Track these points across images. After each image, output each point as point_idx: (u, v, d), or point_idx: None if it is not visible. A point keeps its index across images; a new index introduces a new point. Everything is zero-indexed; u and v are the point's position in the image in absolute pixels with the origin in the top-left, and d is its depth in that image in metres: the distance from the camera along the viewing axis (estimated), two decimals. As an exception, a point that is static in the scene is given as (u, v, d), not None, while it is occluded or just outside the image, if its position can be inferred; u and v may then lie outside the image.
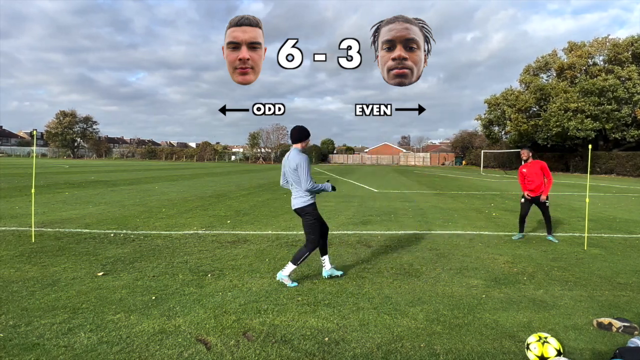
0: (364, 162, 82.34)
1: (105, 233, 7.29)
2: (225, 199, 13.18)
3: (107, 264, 5.34)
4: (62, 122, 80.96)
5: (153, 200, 12.17)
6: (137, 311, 3.80)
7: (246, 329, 3.48)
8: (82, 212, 9.57)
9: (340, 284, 4.72)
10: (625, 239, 7.60)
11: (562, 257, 6.13)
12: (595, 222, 9.38)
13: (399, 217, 9.89)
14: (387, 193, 16.32)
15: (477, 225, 8.64)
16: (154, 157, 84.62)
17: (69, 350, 3.05)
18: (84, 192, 14.06)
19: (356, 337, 3.39)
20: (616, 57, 39.03)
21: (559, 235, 7.78)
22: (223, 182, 21.11)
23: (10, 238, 6.73)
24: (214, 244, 6.68)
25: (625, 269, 5.53)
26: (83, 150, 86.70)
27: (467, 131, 74.56)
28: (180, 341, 3.24)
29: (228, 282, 4.74)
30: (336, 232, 7.80)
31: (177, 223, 8.48)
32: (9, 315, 3.66)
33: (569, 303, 4.23)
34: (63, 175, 23.40)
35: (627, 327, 3.52)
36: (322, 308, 3.97)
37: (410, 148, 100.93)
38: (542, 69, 44.81)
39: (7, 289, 4.31)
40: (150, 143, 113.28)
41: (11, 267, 5.11)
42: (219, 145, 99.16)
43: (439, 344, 3.27)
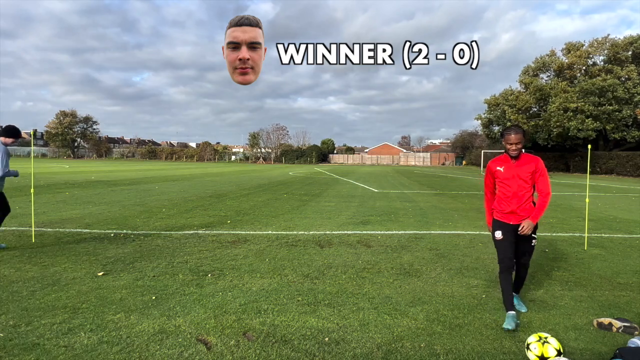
0: (364, 162, 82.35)
1: (105, 233, 7.29)
2: (225, 199, 13.18)
3: (107, 264, 5.34)
4: (62, 122, 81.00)
5: (153, 200, 12.17)
6: (137, 311, 3.81)
7: (246, 329, 3.48)
8: (82, 212, 9.57)
9: (340, 284, 4.72)
10: (625, 239, 7.60)
11: (562, 257, 6.13)
12: (595, 222, 9.38)
13: (399, 217, 9.89)
14: (387, 193, 16.32)
15: (477, 225, 8.64)
16: (154, 157, 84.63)
17: (69, 350, 3.05)
18: (84, 192, 14.06)
19: (356, 337, 3.39)
20: (615, 57, 39.05)
21: (559, 235, 7.78)
22: (223, 182, 21.12)
23: (11, 238, 6.73)
24: (214, 244, 6.68)
25: (625, 269, 5.52)
26: (83, 151, 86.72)
27: (467, 131, 74.65)
28: (181, 341, 3.24)
29: (228, 282, 4.74)
30: (336, 232, 7.80)
31: (177, 223, 8.48)
32: (9, 315, 3.66)
33: (569, 303, 4.23)
34: (63, 175, 23.40)
35: (627, 327, 3.52)
36: (322, 308, 3.97)
37: (411, 148, 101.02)
38: (541, 69, 44.82)
39: (8, 289, 4.31)
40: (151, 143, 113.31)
41: (11, 267, 5.11)
42: (219, 146, 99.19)
43: (439, 344, 3.27)
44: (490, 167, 4.02)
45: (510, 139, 3.79)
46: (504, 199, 3.89)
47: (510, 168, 3.86)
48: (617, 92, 36.74)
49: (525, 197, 3.82)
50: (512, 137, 3.77)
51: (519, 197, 3.82)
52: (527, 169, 3.82)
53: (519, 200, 3.82)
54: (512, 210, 3.85)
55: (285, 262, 5.64)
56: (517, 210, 3.83)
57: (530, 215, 3.82)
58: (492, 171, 3.99)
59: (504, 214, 3.90)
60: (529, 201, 3.84)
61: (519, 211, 3.83)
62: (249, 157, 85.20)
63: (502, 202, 3.91)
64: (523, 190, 3.82)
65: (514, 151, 3.80)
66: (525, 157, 3.86)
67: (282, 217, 9.58)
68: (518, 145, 3.78)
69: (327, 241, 7.01)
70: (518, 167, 3.84)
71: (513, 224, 3.86)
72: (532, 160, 3.85)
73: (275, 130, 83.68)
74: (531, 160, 3.84)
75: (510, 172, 3.86)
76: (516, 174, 3.83)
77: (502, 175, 3.89)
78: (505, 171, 3.88)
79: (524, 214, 3.83)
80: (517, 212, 3.83)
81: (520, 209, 3.83)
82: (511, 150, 3.81)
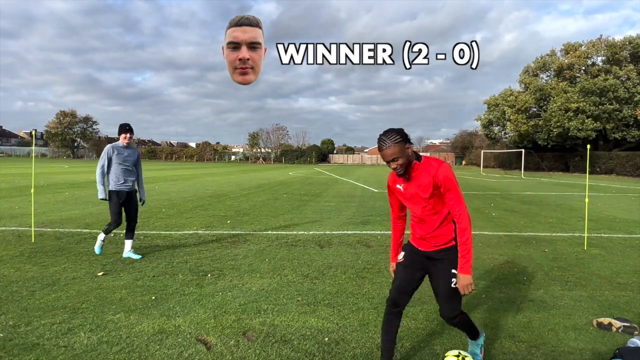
0: (363, 162, 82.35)
1: (105, 233, 7.29)
2: (225, 199, 13.18)
3: (107, 264, 5.34)
4: (62, 122, 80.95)
5: (153, 200, 12.17)
6: (137, 311, 3.81)
7: (246, 329, 3.48)
8: (82, 212, 9.57)
9: (340, 284, 4.72)
10: (625, 239, 7.60)
11: (562, 257, 6.13)
12: (595, 222, 9.38)
13: (399, 217, 9.88)
14: (386, 193, 16.32)
15: (477, 225, 8.64)
16: (154, 157, 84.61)
17: (69, 350, 3.05)
18: (84, 192, 14.05)
19: (356, 337, 3.39)
20: (614, 57, 39.08)
21: (559, 235, 7.78)
22: (223, 182, 21.12)
23: (10, 238, 6.73)
24: (213, 244, 6.68)
25: (625, 269, 5.53)
26: (83, 150, 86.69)
27: (467, 131, 74.67)
28: (180, 341, 3.24)
29: (228, 282, 4.74)
30: (336, 232, 7.80)
31: (177, 223, 8.48)
32: (9, 315, 3.66)
33: (568, 303, 4.23)
34: (63, 175, 23.40)
35: (627, 327, 3.52)
36: (322, 308, 3.97)
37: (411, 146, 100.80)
38: (541, 69, 44.85)
39: (7, 289, 4.31)
40: (150, 143, 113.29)
41: (11, 267, 5.11)
42: (218, 145, 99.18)
43: (439, 344, 3.27)
44: (389, 185, 2.94)
45: (384, 156, 2.65)
46: (413, 223, 2.90)
47: (408, 187, 2.77)
48: (617, 92, 36.78)
49: (437, 222, 2.73)
50: (385, 152, 2.62)
51: (429, 223, 2.75)
52: (426, 184, 2.66)
53: (430, 227, 2.75)
54: (422, 236, 2.81)
55: (285, 262, 5.64)
56: (428, 238, 2.78)
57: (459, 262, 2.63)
58: (393, 190, 2.91)
59: (415, 238, 2.88)
60: (445, 225, 2.73)
61: (429, 239, 2.77)
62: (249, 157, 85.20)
63: (413, 226, 2.91)
64: (431, 213, 2.72)
65: (399, 170, 2.67)
66: (422, 168, 2.68)
67: (282, 217, 9.58)
68: (398, 162, 2.62)
69: (327, 241, 7.01)
70: (415, 184, 2.71)
71: (424, 250, 2.80)
72: (431, 170, 2.64)
73: (275, 130, 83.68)
74: (429, 172, 2.64)
75: (408, 191, 2.77)
76: (415, 194, 2.72)
77: (402, 195, 2.83)
78: (404, 191, 2.80)
79: (437, 242, 2.75)
80: (427, 240, 2.78)
81: (431, 236, 2.76)
82: (393, 169, 2.70)
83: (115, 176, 5.63)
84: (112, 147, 5.67)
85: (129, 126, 5.64)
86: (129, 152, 5.73)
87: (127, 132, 5.62)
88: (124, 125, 5.62)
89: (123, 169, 5.64)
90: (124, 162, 5.65)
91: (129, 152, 5.73)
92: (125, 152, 5.68)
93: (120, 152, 5.65)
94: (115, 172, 5.62)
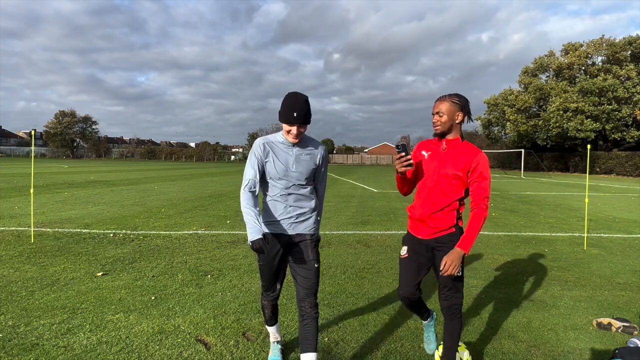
0: (363, 162, 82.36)
1: (104, 233, 7.28)
2: (225, 199, 13.18)
3: (106, 264, 5.33)
4: (61, 122, 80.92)
5: (152, 200, 12.16)
6: (137, 311, 3.80)
7: (246, 329, 3.48)
8: (82, 212, 9.56)
9: (340, 284, 4.71)
10: (624, 239, 7.60)
11: (562, 257, 6.13)
12: (594, 222, 9.38)
13: (399, 217, 9.89)
14: (386, 193, 16.32)
15: (477, 225, 8.62)
16: (154, 157, 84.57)
17: (68, 351, 3.05)
18: (84, 192, 14.04)
19: (356, 337, 3.39)
20: (614, 57, 39.11)
21: (559, 235, 7.78)
22: (223, 182, 21.11)
23: (10, 238, 6.73)
24: (213, 244, 6.68)
25: (624, 269, 5.53)
26: (82, 150, 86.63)
27: (467, 131, 74.67)
28: (180, 341, 3.24)
29: (227, 282, 4.73)
30: (336, 232, 7.80)
31: (176, 223, 8.47)
32: (8, 315, 3.65)
33: (568, 303, 4.23)
34: (62, 175, 23.38)
35: (627, 327, 3.52)
36: (322, 308, 3.97)
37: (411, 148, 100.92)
38: (540, 70, 44.88)
39: (7, 289, 4.31)
40: (150, 143, 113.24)
41: (10, 267, 5.10)
42: (218, 146, 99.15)
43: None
44: (414, 152, 2.77)
45: (435, 106, 2.58)
46: (416, 196, 2.71)
47: (436, 157, 2.61)
48: (617, 92, 36.81)
49: (442, 203, 2.58)
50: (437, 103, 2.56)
51: (434, 200, 2.59)
52: (461, 163, 2.53)
53: (434, 205, 2.59)
54: (421, 217, 2.64)
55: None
56: (428, 220, 2.61)
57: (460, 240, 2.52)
58: (417, 156, 2.74)
59: (413, 220, 2.72)
60: (448, 210, 2.59)
61: (429, 222, 2.61)
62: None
63: (414, 207, 2.73)
64: (443, 190, 2.58)
65: (437, 126, 2.57)
66: (462, 148, 2.58)
67: (282, 217, 9.56)
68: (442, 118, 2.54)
69: (327, 241, 7.01)
70: (449, 158, 2.56)
71: (422, 238, 2.68)
72: (471, 154, 2.54)
73: (275, 131, 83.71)
74: (469, 154, 2.54)
75: (432, 161, 2.61)
76: (441, 165, 2.58)
77: (425, 162, 2.66)
78: (427, 158, 2.64)
79: (437, 226, 2.60)
80: (426, 222, 2.63)
81: (432, 219, 2.60)
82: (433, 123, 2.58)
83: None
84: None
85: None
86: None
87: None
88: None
89: None
90: None
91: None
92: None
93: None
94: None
